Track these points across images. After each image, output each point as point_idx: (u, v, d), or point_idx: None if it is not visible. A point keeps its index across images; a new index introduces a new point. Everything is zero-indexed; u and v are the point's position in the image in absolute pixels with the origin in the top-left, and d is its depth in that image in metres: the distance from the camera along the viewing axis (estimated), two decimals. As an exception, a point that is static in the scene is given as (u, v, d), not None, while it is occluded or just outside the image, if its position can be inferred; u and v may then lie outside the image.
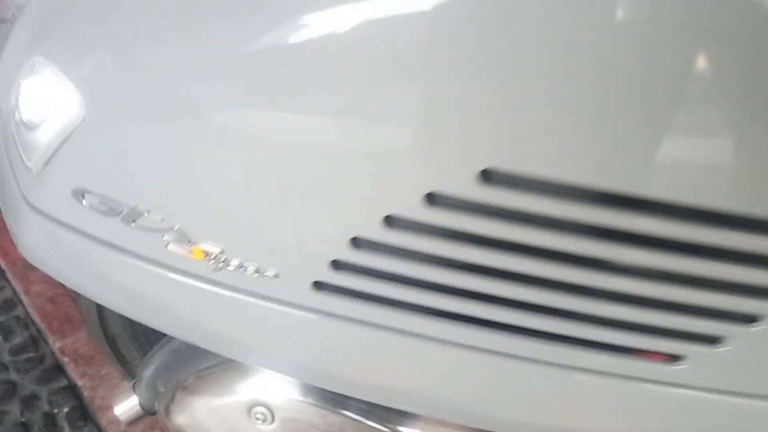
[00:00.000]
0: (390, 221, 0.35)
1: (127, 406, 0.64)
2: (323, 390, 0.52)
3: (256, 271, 0.39)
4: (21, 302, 1.17)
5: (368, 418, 0.54)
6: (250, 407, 0.54)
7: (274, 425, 0.53)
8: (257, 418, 0.53)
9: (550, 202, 0.32)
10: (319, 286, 0.39)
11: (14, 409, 1.02)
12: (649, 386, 0.39)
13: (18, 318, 1.16)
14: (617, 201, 0.32)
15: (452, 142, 0.32)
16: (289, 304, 0.40)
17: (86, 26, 0.41)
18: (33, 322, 1.13)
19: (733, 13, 0.28)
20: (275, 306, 0.41)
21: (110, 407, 1.00)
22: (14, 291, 1.20)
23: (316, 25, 0.32)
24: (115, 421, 0.94)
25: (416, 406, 0.47)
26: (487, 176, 0.33)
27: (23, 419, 1.01)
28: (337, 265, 0.38)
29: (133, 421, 0.65)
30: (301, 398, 0.53)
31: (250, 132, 0.35)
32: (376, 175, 0.34)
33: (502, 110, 0.31)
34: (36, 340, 1.12)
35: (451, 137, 0.32)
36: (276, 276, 0.39)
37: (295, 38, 0.33)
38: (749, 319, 0.35)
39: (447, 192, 0.33)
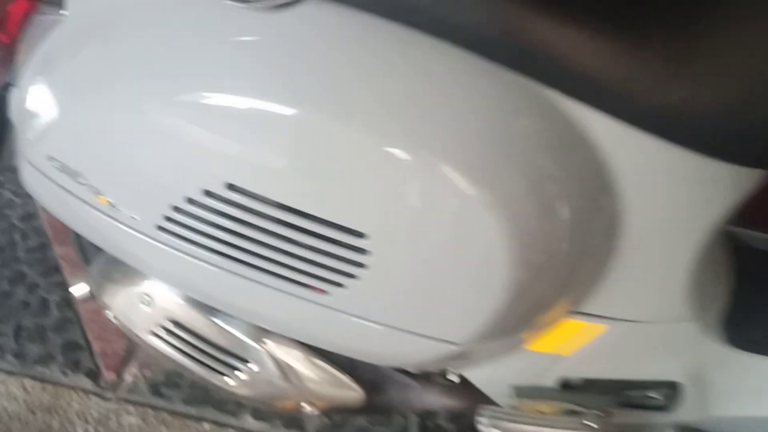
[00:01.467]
0: (209, 193, 0.69)
1: (80, 289, 1.02)
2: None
3: (130, 215, 0.76)
4: (39, 216, 1.56)
5: (214, 316, 0.90)
6: (141, 295, 0.91)
7: (153, 309, 0.91)
8: (142, 302, 0.91)
9: (259, 204, 0.68)
10: (160, 228, 0.75)
11: (20, 291, 1.42)
12: (315, 306, 0.74)
13: (35, 227, 1.55)
14: (285, 207, 0.68)
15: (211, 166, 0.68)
16: (147, 236, 0.77)
17: (64, 65, 0.77)
18: (44, 232, 1.52)
19: None
20: (140, 236, 0.77)
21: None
22: (36, 207, 1.59)
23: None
24: (93, 310, 1.32)
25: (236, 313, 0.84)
26: (232, 187, 0.69)
27: (25, 299, 1.41)
28: (169, 217, 0.74)
29: (85, 300, 1.03)
30: (175, 297, 0.90)
31: (135, 130, 0.70)
32: (201, 164, 0.69)
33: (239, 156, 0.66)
34: (45, 245, 1.51)
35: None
36: (136, 218, 0.76)
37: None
38: (350, 275, 0.70)
39: (218, 191, 0.68)
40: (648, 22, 0.63)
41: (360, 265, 0.69)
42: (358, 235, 0.67)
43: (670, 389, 0.86)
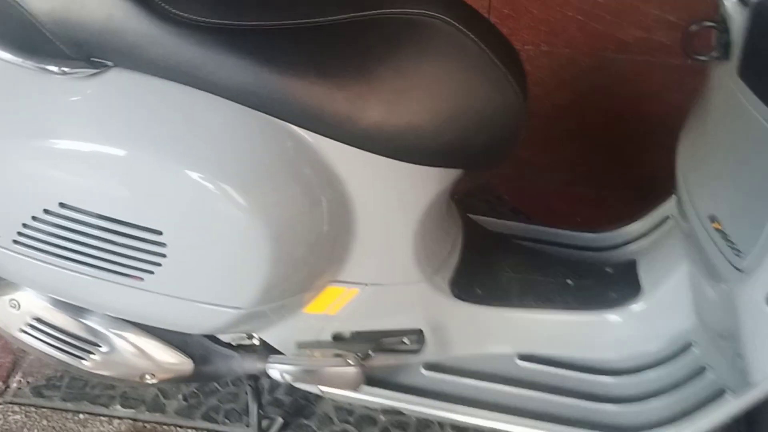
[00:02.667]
0: (47, 211, 0.96)
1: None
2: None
3: None
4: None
5: (68, 311, 1.16)
6: (10, 300, 1.17)
7: (20, 311, 1.16)
8: (11, 306, 1.16)
9: (84, 215, 0.96)
10: (15, 242, 1.02)
11: None
12: (137, 291, 1.02)
13: None
14: (102, 216, 0.95)
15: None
16: (7, 249, 1.03)
17: None
18: None
19: None
20: (3, 250, 1.03)
21: None
22: None
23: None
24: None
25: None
26: (63, 205, 0.96)
27: None
28: (20, 233, 1.00)
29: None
30: (36, 299, 1.16)
31: None
32: (39, 189, 0.96)
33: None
34: None
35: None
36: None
37: None
38: (156, 263, 0.99)
39: (53, 209, 0.96)
40: (344, 74, 0.95)
41: (162, 255, 0.97)
42: (158, 233, 0.95)
43: (417, 336, 1.17)
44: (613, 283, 1.23)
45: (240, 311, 1.02)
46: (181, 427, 1.43)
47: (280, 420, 1.41)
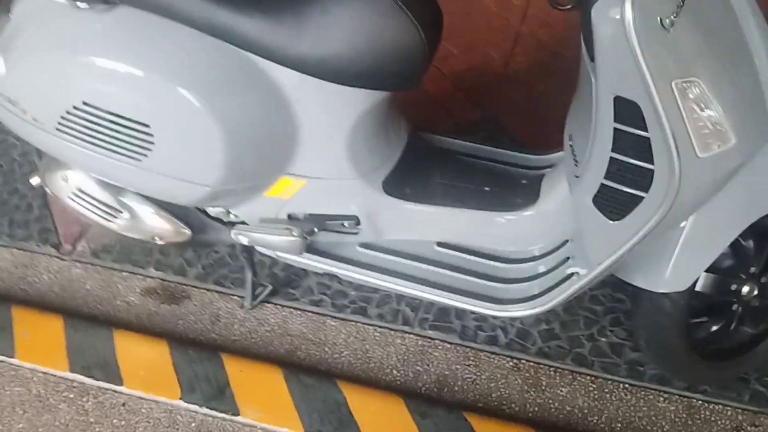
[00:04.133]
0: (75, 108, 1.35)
1: (35, 180, 1.70)
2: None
3: (43, 122, 1.44)
4: (32, 153, 2.25)
5: (101, 184, 1.57)
6: (62, 175, 1.59)
7: (68, 183, 1.59)
8: (62, 179, 1.59)
9: (100, 111, 1.35)
10: (57, 129, 1.42)
11: (15, 199, 2.11)
12: (139, 169, 1.41)
13: (29, 160, 2.24)
14: (113, 113, 1.34)
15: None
16: (53, 134, 1.44)
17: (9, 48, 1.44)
18: (33, 163, 2.22)
19: None
20: (51, 135, 1.44)
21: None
22: (31, 147, 2.29)
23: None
24: (59, 208, 2.00)
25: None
26: (86, 103, 1.36)
27: (18, 204, 2.10)
28: (59, 122, 1.41)
29: (39, 187, 1.71)
30: (79, 175, 1.58)
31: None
32: (69, 92, 1.35)
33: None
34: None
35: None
36: (45, 124, 1.43)
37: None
38: (148, 148, 1.37)
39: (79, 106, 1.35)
40: (282, 14, 1.27)
41: (151, 142, 1.35)
42: (146, 126, 1.33)
43: (354, 221, 1.51)
44: (522, 193, 1.51)
45: (209, 188, 1.39)
46: (197, 287, 1.85)
47: (270, 287, 1.80)
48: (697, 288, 1.39)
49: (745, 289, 1.42)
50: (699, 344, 1.50)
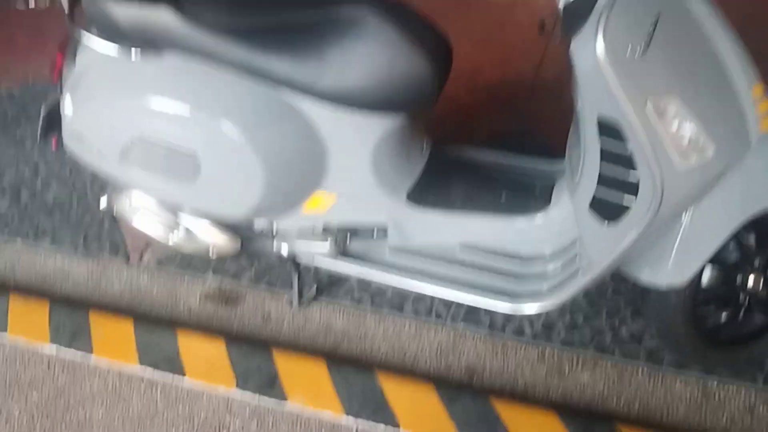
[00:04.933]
0: (133, 141, 1.57)
1: (103, 202, 1.92)
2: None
3: (107, 154, 1.65)
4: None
5: (163, 206, 1.79)
6: (127, 199, 1.81)
7: (133, 205, 1.80)
8: (128, 202, 1.81)
9: (158, 141, 1.56)
10: (120, 161, 1.64)
11: (88, 216, 2.36)
12: (191, 191, 1.61)
13: (99, 181, 2.49)
14: (169, 145, 1.55)
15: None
16: (117, 165, 1.66)
17: (78, 90, 1.66)
18: (103, 181, 2.46)
19: None
20: (115, 165, 1.66)
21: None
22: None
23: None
24: (128, 225, 2.24)
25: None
26: (142, 137, 1.56)
27: (90, 220, 2.35)
28: (121, 155, 1.62)
29: (109, 209, 1.94)
30: (143, 197, 1.80)
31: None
32: (131, 128, 1.57)
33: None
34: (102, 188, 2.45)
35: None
36: (109, 156, 1.64)
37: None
38: (197, 173, 1.57)
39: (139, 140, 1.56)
40: (307, 54, 1.45)
41: (199, 168, 1.55)
42: (194, 154, 1.53)
43: (383, 229, 1.68)
44: (536, 198, 1.65)
45: (252, 206, 1.58)
46: (250, 290, 2.05)
47: (315, 288, 1.98)
48: (703, 281, 1.50)
49: (750, 280, 1.52)
50: (710, 332, 1.61)
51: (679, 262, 1.43)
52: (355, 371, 1.77)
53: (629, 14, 1.17)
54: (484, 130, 2.42)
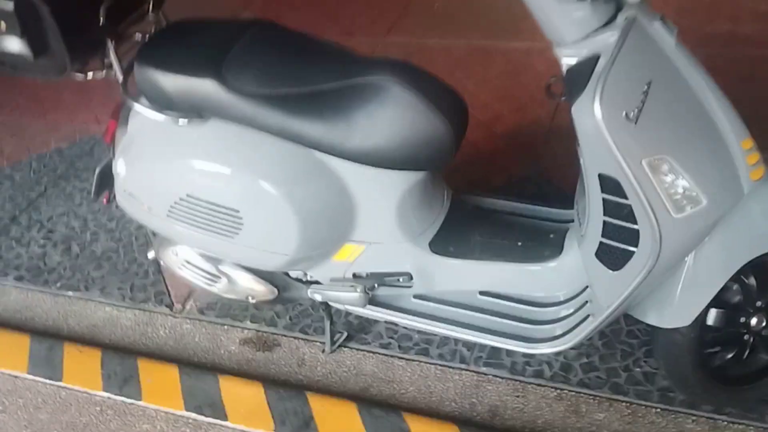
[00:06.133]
0: (182, 198, 1.75)
1: (151, 254, 2.09)
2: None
3: (157, 211, 1.82)
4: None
5: (206, 257, 1.95)
6: (173, 250, 1.98)
7: (178, 257, 1.97)
8: (173, 254, 1.97)
9: (201, 202, 1.73)
10: (168, 216, 1.80)
11: (134, 267, 2.53)
12: (234, 244, 1.77)
13: (143, 233, 2.67)
14: (212, 203, 1.72)
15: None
16: (165, 220, 1.82)
17: (129, 155, 1.84)
18: (147, 235, 2.64)
19: None
20: (162, 220, 1.83)
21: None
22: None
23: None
24: (171, 275, 2.41)
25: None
26: (189, 195, 1.74)
27: (136, 271, 2.51)
28: (170, 210, 1.78)
29: (155, 260, 2.11)
30: (186, 249, 1.96)
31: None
32: (177, 187, 1.74)
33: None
34: (147, 242, 2.62)
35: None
36: (159, 212, 1.81)
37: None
38: (239, 227, 1.73)
39: (184, 197, 1.73)
40: (336, 119, 1.61)
41: (241, 223, 1.71)
42: (237, 210, 1.69)
43: (408, 277, 1.82)
44: (550, 246, 1.78)
45: (288, 257, 1.73)
46: (285, 336, 2.19)
47: (345, 334, 2.12)
48: (708, 322, 1.61)
49: (754, 321, 1.62)
50: (717, 371, 1.70)
51: (683, 305, 1.54)
52: (383, 413, 1.89)
53: (623, 81, 1.31)
54: (503, 176, 2.57)
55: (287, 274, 1.90)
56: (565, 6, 1.31)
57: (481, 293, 1.80)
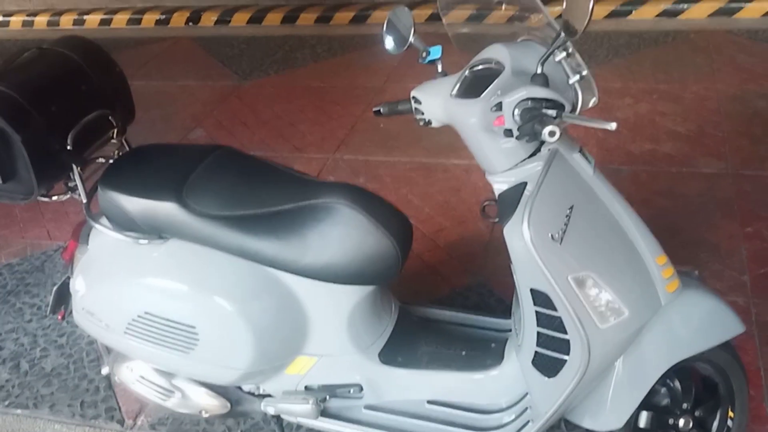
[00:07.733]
0: (139, 316, 1.81)
1: (105, 370, 2.13)
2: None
3: (115, 328, 1.88)
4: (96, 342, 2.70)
5: (158, 371, 2.00)
6: (127, 366, 2.02)
7: (133, 372, 2.01)
8: (128, 369, 2.01)
9: (157, 318, 1.80)
10: (125, 333, 1.87)
11: (84, 383, 2.54)
12: (187, 359, 1.84)
13: (93, 348, 2.69)
14: (167, 319, 1.79)
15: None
16: (121, 336, 1.89)
17: (86, 274, 1.92)
18: (97, 350, 2.66)
19: None
20: (119, 337, 1.89)
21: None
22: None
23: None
24: (122, 390, 2.42)
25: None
26: (147, 312, 1.81)
27: (87, 387, 2.52)
28: (127, 327, 1.85)
29: (108, 377, 2.14)
30: (140, 364, 2.01)
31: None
32: (134, 305, 1.81)
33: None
34: (98, 357, 2.64)
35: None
36: (116, 329, 1.88)
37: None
38: (194, 343, 1.80)
39: (140, 315, 1.81)
40: (290, 239, 1.73)
41: (197, 339, 1.78)
42: (193, 327, 1.77)
43: (358, 388, 1.90)
44: (491, 355, 1.89)
45: (242, 371, 1.80)
46: (237, 450, 2.21)
47: (297, 446, 2.16)
48: (640, 424, 1.72)
49: (681, 422, 1.74)
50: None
51: (615, 408, 1.65)
52: None
53: (548, 206, 1.47)
54: (447, 287, 2.70)
55: (240, 388, 1.96)
56: (495, 140, 1.48)
57: (429, 402, 1.88)
